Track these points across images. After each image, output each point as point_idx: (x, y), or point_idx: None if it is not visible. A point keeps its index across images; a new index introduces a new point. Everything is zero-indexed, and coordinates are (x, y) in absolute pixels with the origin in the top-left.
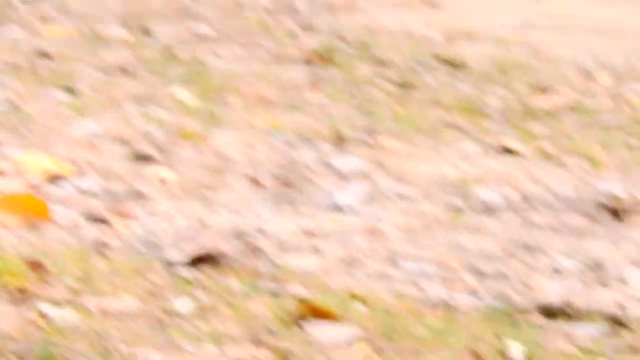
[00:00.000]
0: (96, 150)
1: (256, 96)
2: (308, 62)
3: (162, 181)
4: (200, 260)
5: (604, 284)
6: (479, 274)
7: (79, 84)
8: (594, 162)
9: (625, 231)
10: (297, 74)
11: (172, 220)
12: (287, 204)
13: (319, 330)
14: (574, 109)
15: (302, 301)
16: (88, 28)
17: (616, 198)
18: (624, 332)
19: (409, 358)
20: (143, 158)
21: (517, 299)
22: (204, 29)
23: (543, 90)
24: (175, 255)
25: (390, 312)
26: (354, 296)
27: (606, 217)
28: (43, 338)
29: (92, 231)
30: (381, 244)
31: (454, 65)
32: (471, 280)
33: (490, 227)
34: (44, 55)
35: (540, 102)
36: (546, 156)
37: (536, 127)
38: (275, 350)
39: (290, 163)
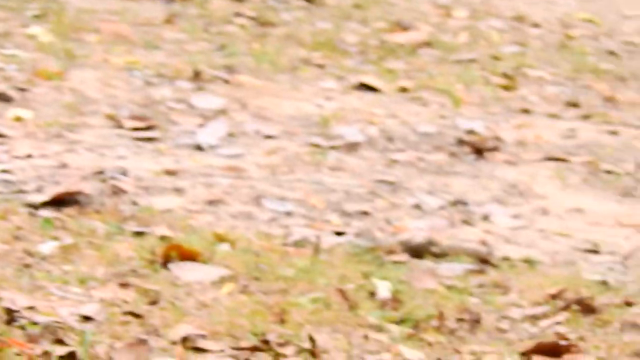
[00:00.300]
0: None
1: (113, 33)
2: None
3: (21, 121)
4: (61, 202)
5: (468, 222)
6: (343, 212)
7: None
8: (453, 98)
9: (487, 168)
10: (153, 10)
11: (31, 161)
12: (148, 143)
13: (185, 271)
14: (432, 44)
15: (167, 242)
16: None
17: (476, 134)
18: (488, 269)
19: (277, 298)
20: (0, 98)
21: (382, 237)
22: None
23: (400, 26)
24: (36, 196)
25: (256, 252)
26: (218, 237)
27: (467, 153)
28: None
29: None
30: (244, 183)
31: (310, 1)
32: (336, 219)
33: (352, 165)
34: None
35: (398, 38)
36: (405, 92)
37: (394, 64)
38: (141, 291)
39: (149, 102)
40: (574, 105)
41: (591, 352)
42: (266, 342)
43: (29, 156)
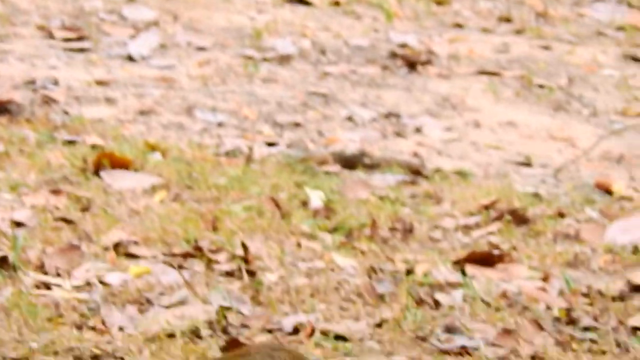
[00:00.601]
0: None
1: None
2: None
3: None
4: None
5: (400, 134)
6: (276, 123)
7: None
8: (385, 12)
9: (420, 81)
10: None
11: None
12: (79, 54)
13: (117, 178)
14: None
15: (99, 151)
16: None
17: (409, 48)
18: (420, 181)
19: (209, 206)
20: None
21: (315, 148)
22: None
23: None
24: None
25: (188, 162)
26: (150, 146)
27: (400, 67)
28: None
29: None
30: (176, 94)
31: None
32: (268, 130)
33: (284, 77)
34: None
35: None
36: (337, 6)
37: None
38: (74, 198)
39: (81, 13)
40: (507, 20)
41: (524, 261)
42: (199, 248)
43: None
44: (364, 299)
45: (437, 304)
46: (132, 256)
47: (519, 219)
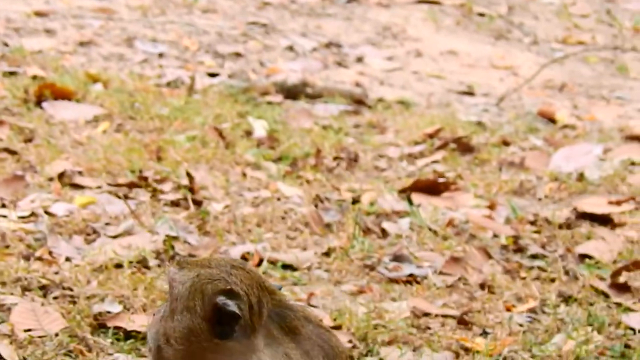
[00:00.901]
0: None
1: None
2: None
3: None
4: None
5: (342, 63)
6: (217, 54)
7: None
8: None
9: (359, 10)
10: None
11: None
12: None
13: (59, 109)
14: None
15: (40, 82)
16: None
17: None
18: (363, 110)
19: (153, 136)
20: None
21: (256, 78)
22: None
23: None
24: None
25: (130, 92)
26: (91, 77)
27: None
28: None
29: None
30: (115, 25)
31: None
32: (209, 60)
33: (224, 7)
34: None
35: None
36: None
37: None
38: (17, 129)
39: None
40: None
41: (470, 189)
42: (144, 178)
43: None
44: (310, 228)
45: (384, 232)
46: (77, 186)
47: (464, 147)
